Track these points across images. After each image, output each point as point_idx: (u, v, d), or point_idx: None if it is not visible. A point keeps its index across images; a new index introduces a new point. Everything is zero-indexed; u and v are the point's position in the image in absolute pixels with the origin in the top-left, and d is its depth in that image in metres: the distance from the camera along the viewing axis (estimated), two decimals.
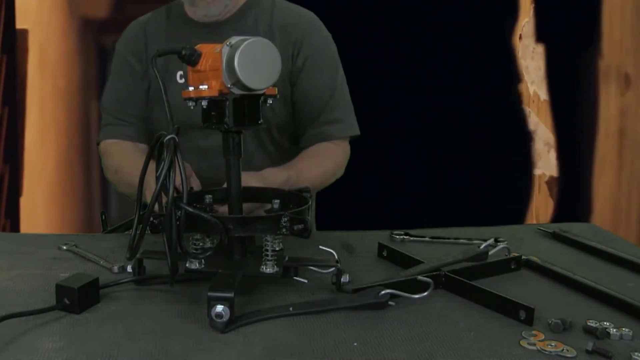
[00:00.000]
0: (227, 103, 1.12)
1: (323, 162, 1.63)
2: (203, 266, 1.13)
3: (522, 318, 1.04)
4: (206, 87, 1.12)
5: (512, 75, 3.09)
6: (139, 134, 1.66)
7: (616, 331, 0.99)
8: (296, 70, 1.62)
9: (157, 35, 1.66)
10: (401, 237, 1.42)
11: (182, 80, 1.58)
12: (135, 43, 1.67)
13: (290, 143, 1.70)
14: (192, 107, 1.14)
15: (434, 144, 2.95)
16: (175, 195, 1.02)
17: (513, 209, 3.14)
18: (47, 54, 3.04)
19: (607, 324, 1.01)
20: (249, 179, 1.32)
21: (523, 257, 1.28)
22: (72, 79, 3.10)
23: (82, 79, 3.12)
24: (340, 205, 2.49)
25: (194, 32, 1.60)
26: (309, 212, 1.15)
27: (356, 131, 1.69)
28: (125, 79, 1.67)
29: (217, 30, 1.58)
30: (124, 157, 1.61)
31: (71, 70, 3.10)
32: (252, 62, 1.09)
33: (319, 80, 1.64)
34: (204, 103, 1.13)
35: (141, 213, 1.08)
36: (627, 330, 1.00)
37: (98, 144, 1.70)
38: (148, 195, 1.15)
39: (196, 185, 1.34)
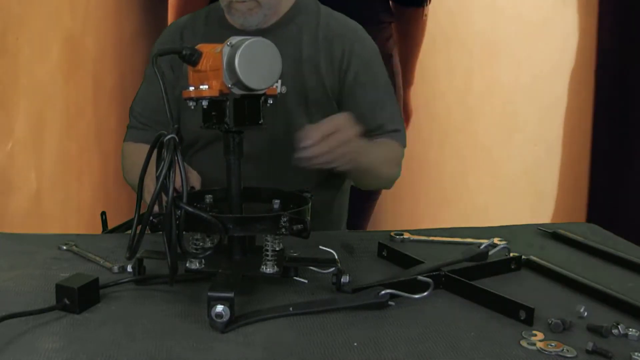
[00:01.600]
0: (228, 103, 1.12)
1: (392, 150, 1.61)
2: (203, 266, 1.13)
3: (522, 318, 1.04)
4: (207, 87, 1.12)
5: None
6: None
7: (620, 330, 0.99)
8: (347, 84, 1.57)
9: (194, 41, 1.57)
10: (401, 237, 1.42)
11: None
12: None
13: None
14: (192, 107, 1.14)
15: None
16: (175, 194, 1.02)
17: None
18: (90, 11, 2.51)
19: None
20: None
21: (523, 257, 1.28)
22: (127, 32, 2.65)
23: (144, 27, 2.71)
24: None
25: None
26: (310, 213, 1.15)
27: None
28: (155, 85, 1.64)
29: None
30: (139, 157, 1.59)
31: (125, 21, 2.65)
32: (252, 62, 1.09)
33: (374, 93, 1.59)
34: (205, 103, 1.13)
35: (141, 213, 1.08)
36: (633, 330, 0.99)
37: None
38: (147, 196, 1.15)
39: (194, 177, 1.33)
